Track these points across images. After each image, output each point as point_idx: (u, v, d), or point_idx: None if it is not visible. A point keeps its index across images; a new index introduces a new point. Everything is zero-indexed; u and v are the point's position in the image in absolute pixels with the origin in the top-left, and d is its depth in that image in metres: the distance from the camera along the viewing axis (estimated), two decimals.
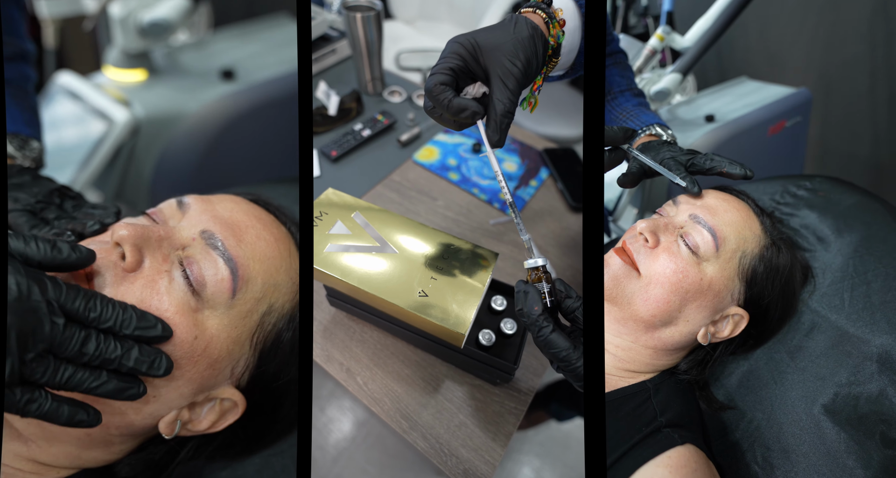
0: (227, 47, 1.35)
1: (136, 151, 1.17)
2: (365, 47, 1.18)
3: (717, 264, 0.64)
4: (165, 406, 0.49)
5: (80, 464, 0.51)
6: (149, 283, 0.47)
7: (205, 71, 1.26)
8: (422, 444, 0.68)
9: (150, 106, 1.17)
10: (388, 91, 1.28)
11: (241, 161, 1.24)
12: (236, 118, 1.20)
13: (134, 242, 0.47)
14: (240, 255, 0.50)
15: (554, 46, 0.59)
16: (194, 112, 1.17)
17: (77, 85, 1.19)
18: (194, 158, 1.19)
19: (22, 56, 0.79)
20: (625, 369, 0.68)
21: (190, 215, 0.52)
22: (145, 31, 1.16)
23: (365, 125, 1.14)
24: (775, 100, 1.32)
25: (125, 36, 1.17)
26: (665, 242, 0.65)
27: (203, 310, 0.48)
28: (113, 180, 1.19)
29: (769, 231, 0.68)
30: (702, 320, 0.66)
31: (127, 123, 1.14)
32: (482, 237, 0.95)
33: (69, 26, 1.45)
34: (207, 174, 1.21)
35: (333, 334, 0.78)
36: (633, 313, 0.65)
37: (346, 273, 0.63)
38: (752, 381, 0.71)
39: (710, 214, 0.66)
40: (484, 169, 1.10)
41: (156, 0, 1.17)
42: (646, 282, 0.64)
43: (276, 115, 1.24)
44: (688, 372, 0.69)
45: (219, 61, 1.29)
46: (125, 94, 1.19)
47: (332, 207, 0.71)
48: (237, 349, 0.51)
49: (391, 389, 0.73)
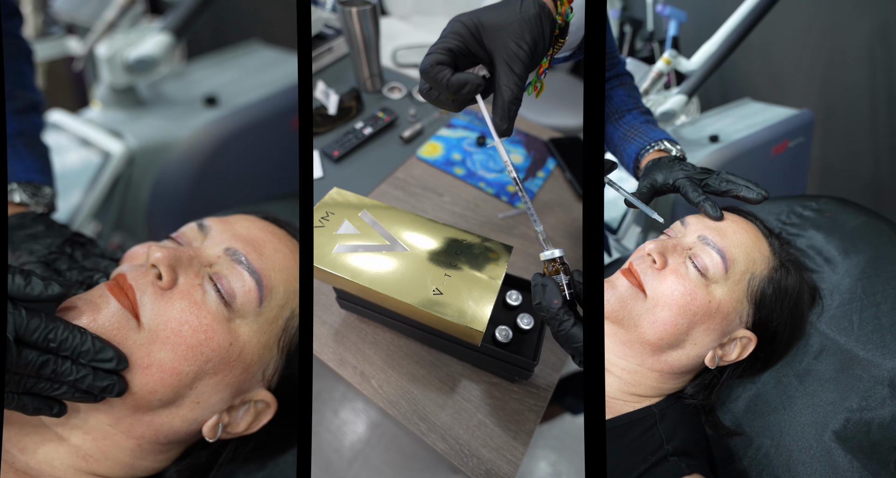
0: (206, 75, 1.41)
1: (132, 180, 1.22)
2: (362, 43, 1.16)
3: (726, 286, 0.63)
4: (208, 411, 0.53)
5: (134, 474, 0.55)
6: (186, 297, 0.51)
7: (188, 99, 1.32)
8: (441, 445, 0.67)
9: (142, 136, 1.21)
10: (387, 88, 1.26)
11: (231, 183, 1.28)
12: (224, 142, 1.25)
13: (168, 262, 0.52)
14: (262, 267, 0.55)
15: (562, 26, 0.55)
16: (184, 139, 1.22)
17: (68, 122, 1.24)
18: (187, 183, 1.23)
19: (34, 107, 0.83)
20: (630, 393, 0.67)
21: (212, 236, 0.57)
22: (131, 68, 1.21)
23: (366, 123, 1.13)
24: (778, 121, 1.32)
25: (112, 73, 1.22)
26: (673, 264, 0.64)
27: (235, 319, 0.53)
28: (112, 211, 1.23)
29: (778, 253, 0.67)
30: (709, 343, 0.64)
31: (123, 155, 1.19)
32: (491, 231, 0.94)
33: (54, 68, 1.53)
34: (200, 198, 1.25)
35: (345, 337, 0.77)
36: (639, 336, 0.63)
37: (357, 274, 0.62)
38: (759, 405, 0.69)
39: (719, 236, 0.65)
40: (490, 162, 1.07)
41: (139, 38, 1.22)
42: (653, 304, 0.62)
43: (261, 136, 1.29)
44: (694, 396, 0.68)
45: (200, 89, 1.34)
46: (116, 127, 1.23)
47: (337, 207, 0.70)
48: (267, 353, 0.55)
49: (407, 390, 0.72)
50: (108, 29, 1.34)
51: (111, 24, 1.34)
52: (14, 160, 0.76)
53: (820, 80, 1.63)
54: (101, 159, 1.19)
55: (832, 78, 1.61)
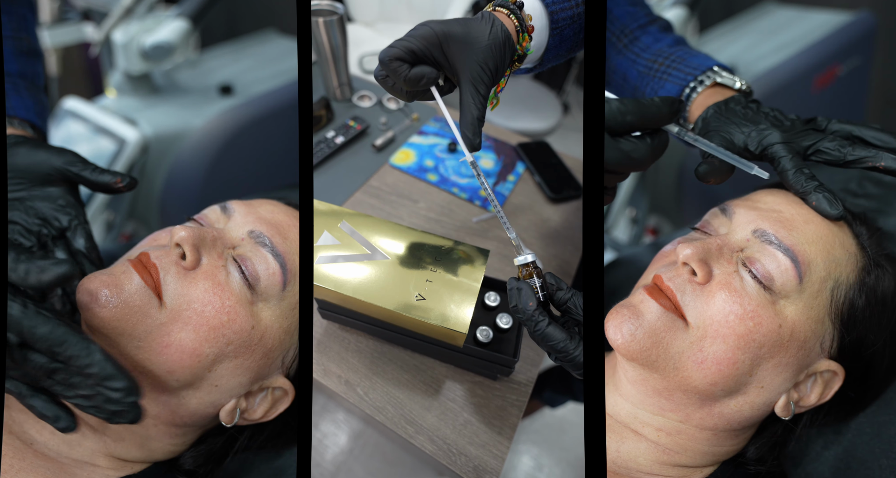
0: (221, 65, 1.42)
1: (146, 168, 1.23)
2: (330, 53, 1.16)
3: (801, 302, 0.47)
4: (226, 395, 0.53)
5: (151, 457, 0.55)
6: (210, 277, 0.52)
7: (203, 88, 1.33)
8: (429, 447, 0.68)
9: (157, 124, 1.23)
10: (357, 96, 1.26)
11: (245, 172, 1.30)
12: (238, 131, 1.26)
13: (193, 242, 0.52)
14: (286, 251, 0.55)
15: (520, 55, 0.56)
16: (199, 127, 1.23)
17: (84, 108, 1.26)
18: (201, 172, 1.24)
19: (35, 53, 0.81)
20: (672, 464, 0.51)
21: (235, 218, 0.57)
22: (148, 55, 1.22)
23: (337, 132, 1.13)
24: (822, 36, 0.91)
25: (128, 60, 1.23)
26: (721, 275, 0.48)
27: (257, 302, 0.53)
28: (125, 200, 1.25)
29: (867, 245, 0.50)
30: (781, 385, 0.49)
31: (138, 142, 1.20)
32: (467, 235, 0.95)
33: (69, 54, 1.53)
34: (214, 186, 1.26)
35: (328, 347, 0.78)
36: (682, 382, 0.48)
37: (340, 284, 0.63)
38: (854, 466, 0.52)
39: (784, 228, 0.48)
40: (462, 168, 1.09)
41: (156, 24, 1.24)
42: (699, 335, 0.47)
43: (276, 126, 1.30)
44: (762, 461, 0.52)
45: (215, 78, 1.36)
46: (131, 114, 1.25)
47: (316, 218, 0.71)
48: (288, 339, 0.55)
49: (393, 395, 0.73)
50: (125, 15, 1.32)
51: (128, 10, 1.32)
52: (13, 96, 0.72)
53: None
54: (117, 147, 1.19)
55: None
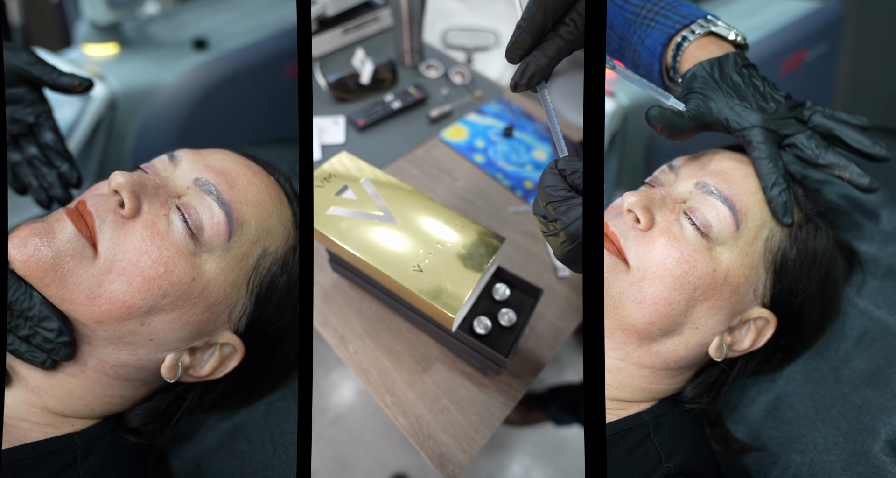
0: (197, 17, 1.38)
1: (114, 125, 1.20)
2: (406, 15, 1.20)
3: (736, 249, 0.51)
4: (163, 349, 0.52)
5: (89, 411, 0.54)
6: (148, 226, 0.50)
7: (177, 42, 1.29)
8: (401, 420, 0.70)
9: (126, 79, 1.19)
10: (424, 65, 1.30)
11: (219, 130, 1.27)
12: (212, 88, 1.22)
13: (131, 189, 0.50)
14: (233, 199, 0.54)
15: None
16: (170, 83, 1.20)
17: (49, 61, 1.22)
18: (173, 129, 1.21)
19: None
20: (613, 398, 0.55)
21: (182, 166, 0.56)
22: (114, 3, 1.19)
23: (396, 97, 1.17)
24: (789, 21, 0.99)
25: (93, 8, 1.19)
26: (663, 222, 0.51)
27: (201, 254, 0.52)
28: (94, 159, 1.22)
29: (802, 204, 0.54)
30: (715, 327, 0.52)
31: (104, 99, 1.16)
32: (497, 223, 0.95)
33: (33, 3, 1.48)
34: (187, 145, 1.27)
35: (332, 300, 0.82)
36: (622, 321, 0.51)
37: (345, 237, 0.66)
38: (783, 410, 0.56)
39: (724, 181, 0.52)
40: (512, 155, 1.09)
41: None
42: (638, 277, 0.50)
43: (252, 83, 1.27)
44: (696, 400, 0.55)
45: (189, 32, 1.32)
46: (99, 69, 1.21)
47: (343, 171, 0.74)
48: (234, 293, 0.54)
49: (380, 362, 0.76)
50: None
51: None
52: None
53: None
54: (81, 103, 1.15)
55: None
